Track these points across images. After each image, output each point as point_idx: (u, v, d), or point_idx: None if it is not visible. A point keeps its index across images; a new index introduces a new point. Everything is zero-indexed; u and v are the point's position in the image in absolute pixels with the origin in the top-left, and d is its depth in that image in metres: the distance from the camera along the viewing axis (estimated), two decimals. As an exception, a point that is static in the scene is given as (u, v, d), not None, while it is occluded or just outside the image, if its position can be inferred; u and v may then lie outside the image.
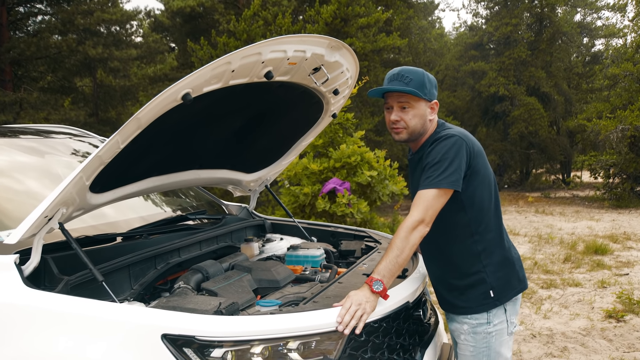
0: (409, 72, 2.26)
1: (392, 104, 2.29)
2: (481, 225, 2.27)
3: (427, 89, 2.27)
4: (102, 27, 18.61)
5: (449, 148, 2.15)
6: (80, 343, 1.77)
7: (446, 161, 2.13)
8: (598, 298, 6.12)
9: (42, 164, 3.02)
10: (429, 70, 21.91)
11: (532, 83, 23.12)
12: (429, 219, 2.10)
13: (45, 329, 1.81)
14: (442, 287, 2.41)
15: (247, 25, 11.83)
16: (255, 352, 1.76)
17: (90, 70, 20.26)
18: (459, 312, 2.33)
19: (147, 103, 1.80)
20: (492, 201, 2.31)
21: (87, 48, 16.23)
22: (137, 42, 20.49)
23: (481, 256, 2.27)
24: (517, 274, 2.36)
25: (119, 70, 18.94)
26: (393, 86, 2.25)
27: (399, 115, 2.27)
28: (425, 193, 2.12)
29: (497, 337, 2.28)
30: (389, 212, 13.67)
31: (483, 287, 2.26)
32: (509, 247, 2.38)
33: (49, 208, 1.87)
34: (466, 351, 2.33)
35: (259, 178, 3.54)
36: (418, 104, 2.26)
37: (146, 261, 2.45)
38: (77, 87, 20.79)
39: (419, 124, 2.28)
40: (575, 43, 26.78)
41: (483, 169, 2.26)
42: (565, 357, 4.38)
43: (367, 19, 12.75)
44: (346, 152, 7.62)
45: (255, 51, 2.00)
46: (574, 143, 25.64)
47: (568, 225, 12.08)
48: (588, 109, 21.67)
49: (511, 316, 2.31)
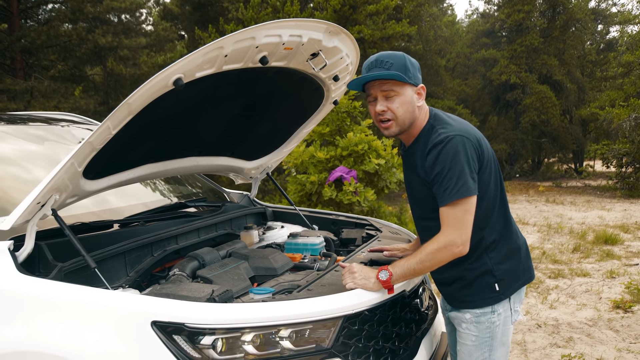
0: (388, 57, 2.05)
1: (375, 94, 2.09)
2: (489, 218, 2.15)
3: (411, 72, 2.06)
4: (112, 15, 18.60)
5: (455, 152, 1.98)
6: (73, 330, 1.77)
7: (457, 167, 1.97)
8: (606, 288, 6.05)
9: (42, 150, 3.02)
10: (439, 59, 21.80)
11: (544, 71, 22.82)
12: (466, 238, 1.97)
13: (37, 315, 1.81)
14: (446, 279, 2.28)
15: (255, 12, 11.76)
16: (246, 340, 1.74)
17: (100, 59, 20.28)
18: (462, 307, 2.24)
19: (137, 88, 1.78)
20: (497, 191, 2.17)
21: (96, 36, 16.22)
22: (147, 31, 20.48)
23: (488, 249, 2.16)
24: (524, 264, 2.26)
25: (129, 58, 18.90)
26: (373, 73, 2.04)
27: (385, 105, 2.07)
28: (453, 209, 1.97)
29: (502, 326, 2.19)
30: (397, 200, 13.62)
31: (489, 279, 2.15)
32: (517, 237, 2.27)
33: (41, 194, 1.86)
34: (467, 340, 2.22)
35: (260, 166, 3.52)
36: (404, 90, 2.05)
37: (142, 248, 2.44)
38: (87, 76, 20.83)
39: (407, 113, 2.08)
40: (589, 30, 26.34)
41: (488, 159, 2.12)
42: (570, 347, 4.34)
43: (375, 6, 12.61)
44: (353, 140, 7.57)
45: (249, 35, 1.97)
46: (586, 132, 25.33)
47: (579, 214, 11.96)
48: (601, 97, 21.36)
49: (515, 304, 2.22)
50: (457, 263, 2.12)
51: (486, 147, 2.14)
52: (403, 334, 2.21)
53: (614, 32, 29.26)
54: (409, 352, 2.19)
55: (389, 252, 2.62)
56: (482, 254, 2.15)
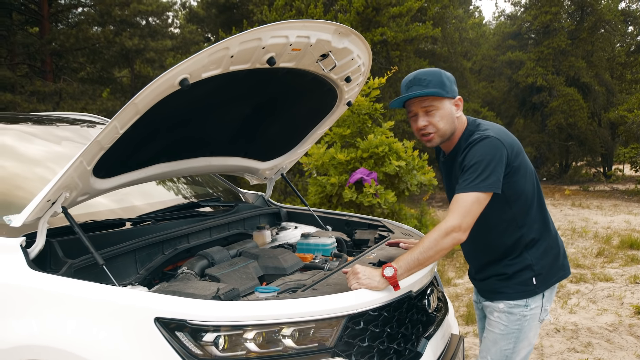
0: (425, 74, 2.20)
1: (416, 110, 2.23)
2: (527, 217, 2.24)
3: (448, 87, 2.20)
4: (139, 19, 18.91)
5: (486, 150, 2.09)
6: (80, 325, 1.81)
7: (483, 163, 2.07)
8: (629, 294, 5.92)
9: (61, 150, 3.08)
10: (465, 61, 21.59)
11: (572, 73, 22.38)
12: (466, 226, 2.04)
13: (46, 311, 1.85)
14: (482, 274, 2.39)
15: (278, 15, 11.82)
16: (248, 338, 1.76)
17: (128, 61, 20.63)
18: (496, 298, 2.31)
19: (143, 88, 1.81)
20: (534, 193, 2.27)
21: (123, 39, 16.50)
22: (174, 33, 20.76)
23: (528, 246, 2.25)
24: (561, 261, 2.34)
25: (155, 61, 19.16)
26: (413, 92, 2.18)
27: (427, 119, 2.21)
28: (464, 197, 2.06)
29: (530, 321, 2.26)
30: (418, 203, 13.52)
31: (527, 273, 2.24)
32: (555, 234, 2.36)
33: (51, 192, 1.91)
34: (496, 329, 2.31)
35: (275, 166, 3.54)
36: (442, 104, 2.20)
37: (153, 246, 2.48)
38: (115, 78, 21.21)
39: (447, 125, 2.22)
40: (619, 32, 25.77)
41: (523, 163, 2.21)
42: (588, 352, 4.25)
43: (399, 8, 12.56)
44: (374, 142, 7.55)
45: (255, 36, 1.99)
46: (616, 135, 24.75)
47: (604, 219, 11.70)
48: (630, 99, 20.87)
49: (546, 303, 2.29)
50: (497, 260, 2.28)
51: (520, 152, 2.23)
52: (409, 335, 2.20)
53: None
54: (415, 353, 2.18)
55: (405, 244, 2.73)
56: (523, 251, 2.25)
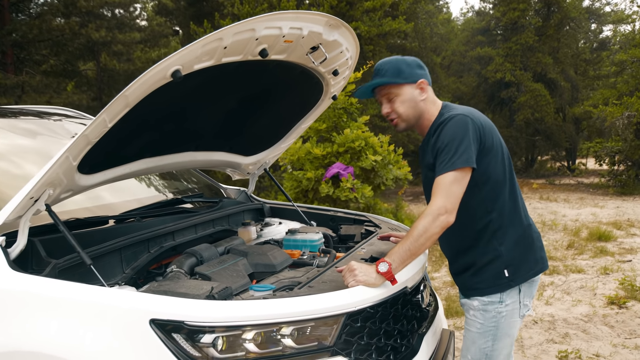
0: (383, 64, 2.28)
1: (379, 99, 2.32)
2: (496, 202, 2.19)
3: (406, 72, 2.24)
4: (105, 10, 18.42)
5: (456, 128, 2.09)
6: (69, 328, 1.72)
7: (455, 141, 2.06)
8: (600, 284, 6.06)
9: (34, 145, 2.96)
10: (435, 56, 21.76)
11: (539, 69, 22.84)
12: (451, 207, 2.00)
13: (32, 314, 1.76)
14: (456, 265, 2.36)
15: (250, 8, 11.68)
16: (247, 338, 1.70)
17: (93, 54, 20.10)
18: (471, 295, 2.27)
19: (134, 80, 1.73)
20: (506, 176, 2.22)
21: (90, 31, 16.06)
22: (141, 26, 20.31)
23: (497, 233, 2.19)
24: (536, 253, 2.28)
25: (122, 53, 18.71)
26: (370, 83, 2.28)
27: (389, 106, 2.29)
28: (442, 178, 2.04)
29: (507, 317, 2.21)
30: (393, 197, 13.61)
31: (498, 265, 2.19)
32: (528, 224, 2.30)
33: (34, 189, 1.81)
34: (473, 327, 2.27)
35: (258, 161, 3.47)
36: (401, 90, 2.25)
37: (138, 244, 2.39)
38: (80, 71, 20.64)
39: (409, 109, 2.27)
40: (583, 29, 26.41)
41: (495, 144, 2.18)
42: (566, 343, 4.33)
43: (372, 2, 12.55)
44: (350, 136, 7.53)
45: (249, 27, 1.93)
46: (579, 130, 25.40)
47: (572, 212, 11.98)
48: (594, 95, 21.43)
49: (525, 298, 2.24)
50: (468, 249, 2.23)
51: (492, 132, 2.21)
52: (405, 331, 2.18)
53: (607, 31, 29.42)
54: (411, 349, 2.16)
55: (396, 238, 2.71)
56: (491, 238, 2.20)
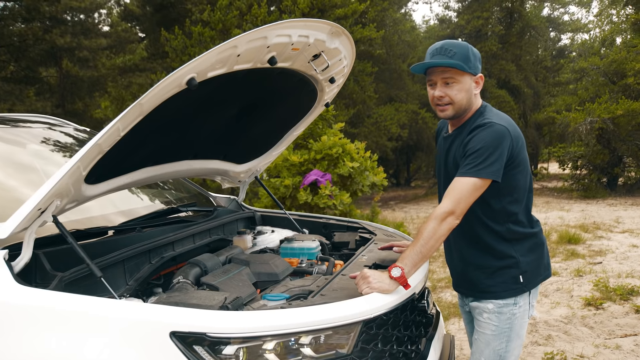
0: (452, 46, 2.16)
1: (435, 79, 2.19)
2: (517, 210, 2.24)
3: (472, 62, 2.16)
4: (70, 15, 18.01)
5: (493, 137, 2.07)
6: (84, 342, 1.67)
7: (488, 150, 2.05)
8: (576, 287, 6.22)
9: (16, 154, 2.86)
10: (401, 63, 22.04)
11: (503, 76, 23.41)
12: (460, 212, 2.02)
13: (45, 329, 1.69)
14: (470, 269, 2.35)
15: (222, 14, 11.61)
16: (268, 348, 1.69)
17: (55, 60, 19.58)
18: (485, 297, 2.30)
19: (151, 88, 1.70)
20: (527, 190, 2.28)
21: (54, 37, 15.69)
22: (106, 32, 19.92)
23: (514, 240, 2.25)
24: (544, 260, 2.37)
25: (88, 60, 18.34)
26: (436, 60, 2.15)
27: (443, 90, 2.18)
28: (462, 182, 2.05)
29: (519, 319, 2.28)
30: (368, 204, 13.69)
31: (514, 271, 2.24)
32: (539, 231, 2.37)
33: (43, 200, 1.75)
34: (487, 330, 2.30)
35: (249, 169, 3.45)
36: (463, 78, 2.16)
37: (140, 255, 2.34)
38: (41, 78, 20.10)
39: (465, 99, 2.19)
40: (544, 37, 27.23)
41: (524, 158, 2.22)
42: (550, 345, 4.42)
43: (343, 10, 12.66)
44: (327, 143, 7.56)
45: (262, 35, 1.92)
46: (541, 135, 26.12)
47: (540, 215, 12.27)
48: (556, 101, 22.08)
49: (533, 300, 2.32)
50: (482, 251, 2.25)
51: (523, 146, 2.24)
52: (414, 337, 2.19)
53: (565, 40, 30.38)
54: (421, 355, 2.17)
55: (399, 247, 2.68)
56: (509, 244, 2.25)
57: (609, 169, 16.89)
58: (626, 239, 9.08)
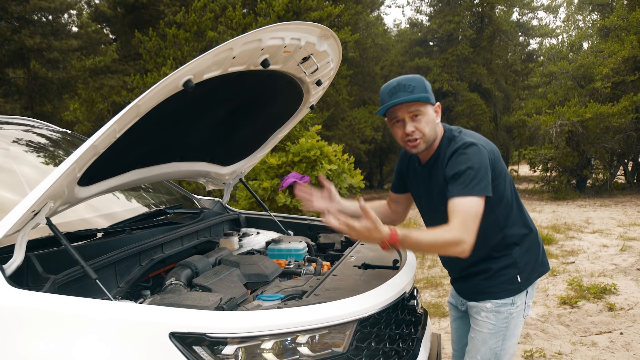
0: (408, 80, 2.17)
1: (402, 116, 2.17)
2: (509, 218, 2.30)
3: (430, 93, 2.19)
4: (39, 16, 17.65)
5: (473, 157, 2.10)
6: (83, 345, 1.66)
7: (474, 169, 2.07)
8: (551, 286, 6.37)
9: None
10: (375, 66, 22.25)
11: (474, 79, 23.84)
12: (471, 241, 1.98)
13: (41, 332, 1.67)
14: (471, 275, 2.39)
15: (197, 16, 11.54)
16: (266, 348, 1.70)
17: (24, 61, 19.17)
18: (483, 298, 2.35)
19: (147, 90, 1.70)
20: (512, 195, 2.34)
21: (23, 37, 15.37)
22: (76, 32, 19.57)
23: (511, 244, 2.31)
24: (540, 257, 2.43)
25: (58, 61, 17.99)
26: (403, 98, 2.13)
27: (413, 125, 2.17)
28: (463, 202, 2.02)
29: (516, 317, 2.34)
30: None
31: (512, 271, 2.30)
32: (534, 231, 2.43)
33: (37, 202, 1.74)
34: (484, 328, 2.35)
35: (234, 171, 3.45)
36: (427, 109, 2.18)
37: (131, 257, 2.33)
38: (9, 79, 19.65)
39: (432, 130, 2.20)
40: (513, 41, 27.80)
41: (503, 168, 2.27)
42: (529, 343, 4.53)
43: (319, 13, 12.71)
44: (305, 146, 7.59)
45: (256, 37, 1.94)
46: (511, 138, 26.65)
47: (513, 216, 12.49)
48: (527, 105, 22.56)
49: (529, 299, 2.37)
50: (482, 260, 2.31)
51: (499, 157, 2.29)
52: (405, 336, 2.23)
53: (534, 44, 31.05)
54: (412, 353, 2.21)
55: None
56: (506, 249, 2.31)
57: (578, 170, 17.35)
58: (597, 239, 9.33)
